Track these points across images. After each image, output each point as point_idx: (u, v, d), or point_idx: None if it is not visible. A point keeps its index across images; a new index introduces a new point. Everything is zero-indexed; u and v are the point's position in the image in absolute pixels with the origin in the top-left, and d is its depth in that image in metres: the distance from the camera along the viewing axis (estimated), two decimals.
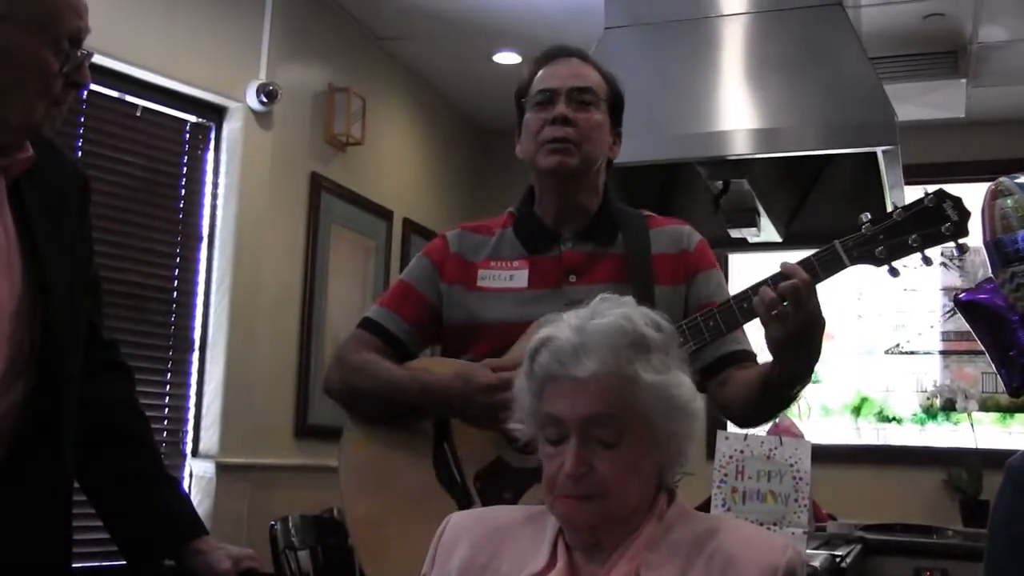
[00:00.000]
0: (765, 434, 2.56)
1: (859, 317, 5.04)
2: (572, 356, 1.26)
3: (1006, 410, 4.79)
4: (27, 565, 1.49)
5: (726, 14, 2.84)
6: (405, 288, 1.98)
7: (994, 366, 2.51)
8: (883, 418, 4.96)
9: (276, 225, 3.96)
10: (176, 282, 3.64)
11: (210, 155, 3.77)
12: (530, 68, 1.96)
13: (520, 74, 1.98)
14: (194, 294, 3.69)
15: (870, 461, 4.83)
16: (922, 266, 1.73)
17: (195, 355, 3.67)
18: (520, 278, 1.89)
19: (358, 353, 1.93)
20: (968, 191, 2.48)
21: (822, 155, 2.91)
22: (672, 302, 1.83)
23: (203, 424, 3.65)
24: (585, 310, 1.31)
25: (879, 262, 1.69)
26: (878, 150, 2.46)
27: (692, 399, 1.30)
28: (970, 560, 3.75)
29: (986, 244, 2.36)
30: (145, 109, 3.52)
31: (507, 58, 4.70)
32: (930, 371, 4.93)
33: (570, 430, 1.26)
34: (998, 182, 2.36)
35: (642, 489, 1.28)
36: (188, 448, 3.62)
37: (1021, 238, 2.22)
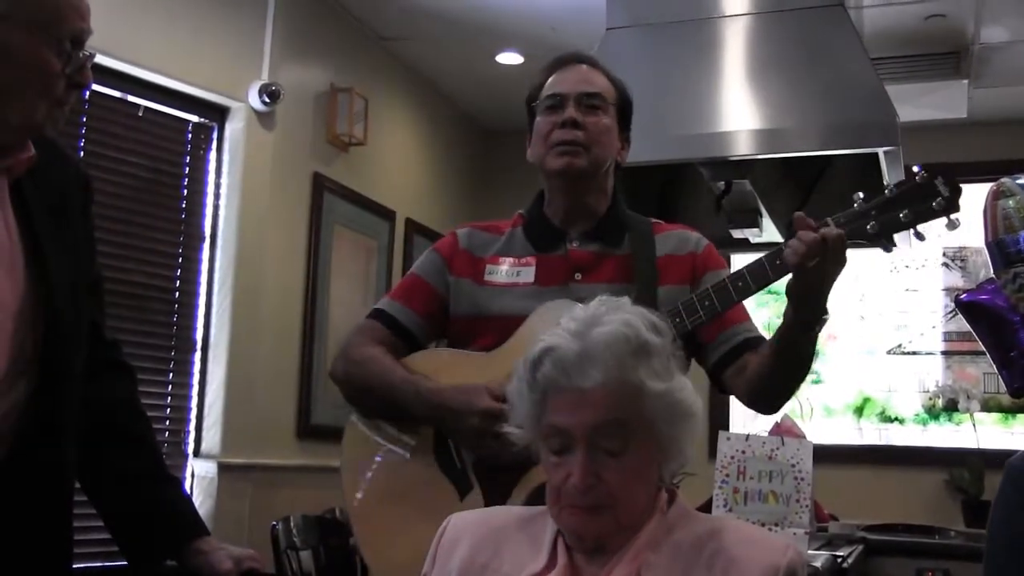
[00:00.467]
0: (767, 434, 2.57)
1: (861, 318, 5.04)
2: (576, 366, 1.24)
3: (1008, 410, 4.79)
4: (28, 565, 1.50)
5: (728, 15, 2.84)
6: (415, 281, 2.02)
7: (995, 367, 2.51)
8: (885, 418, 4.96)
9: (278, 225, 3.96)
10: (178, 282, 3.64)
11: (212, 155, 3.77)
12: (541, 74, 2.01)
13: (527, 78, 2.03)
14: (196, 294, 3.69)
15: (872, 461, 4.83)
16: (916, 241, 1.75)
17: (197, 355, 3.67)
18: (527, 274, 1.93)
19: (364, 346, 1.96)
20: (970, 192, 2.48)
21: (824, 156, 2.91)
22: (676, 301, 1.85)
23: (205, 424, 3.66)
24: (583, 315, 1.30)
25: (871, 238, 1.71)
26: (880, 151, 2.47)
27: (694, 402, 1.29)
28: (972, 561, 3.73)
29: (988, 245, 2.36)
30: (147, 109, 3.52)
31: (509, 58, 4.71)
32: (932, 371, 4.93)
33: (576, 441, 1.24)
34: (1000, 183, 2.36)
35: (646, 493, 1.28)
36: (190, 448, 3.62)
37: (1023, 238, 2.22)
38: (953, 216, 1.70)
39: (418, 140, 5.04)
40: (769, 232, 3.15)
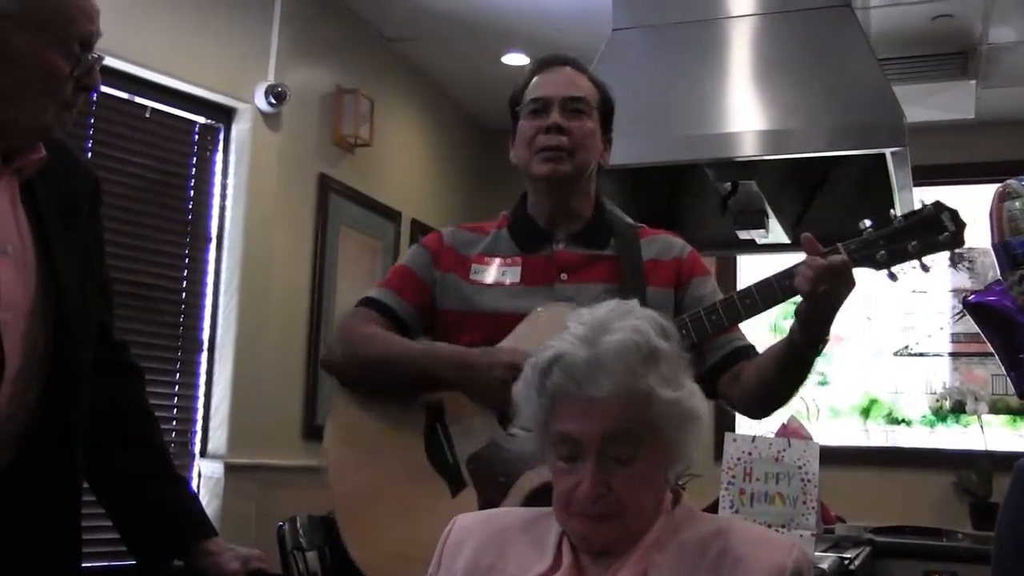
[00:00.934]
0: (773, 436, 2.56)
1: (868, 319, 5.03)
2: (586, 374, 1.23)
3: (1016, 412, 4.77)
4: (38, 565, 1.50)
5: (734, 15, 2.84)
6: (406, 272, 2.03)
7: (1003, 368, 2.51)
8: (892, 420, 4.95)
9: (284, 226, 3.96)
10: (185, 283, 3.65)
11: (219, 156, 3.78)
12: (524, 76, 2.03)
13: (516, 80, 2.03)
14: (203, 295, 3.70)
15: (879, 463, 4.81)
16: (921, 273, 1.79)
17: (204, 356, 3.68)
18: (513, 274, 1.95)
19: (365, 327, 1.96)
20: (977, 193, 2.48)
21: (830, 156, 2.91)
22: (663, 303, 1.88)
23: (211, 424, 3.66)
24: (592, 320, 1.28)
25: (879, 265, 1.75)
26: (887, 151, 2.46)
27: (702, 407, 1.29)
28: (980, 563, 3.73)
29: (994, 246, 2.36)
30: (154, 110, 3.53)
31: (515, 59, 4.71)
32: (939, 373, 4.92)
33: (586, 449, 1.24)
34: (1006, 184, 2.36)
35: (654, 498, 1.28)
36: (196, 448, 3.63)
37: None
38: (959, 253, 1.79)
39: (424, 141, 5.05)
40: (775, 233, 3.15)
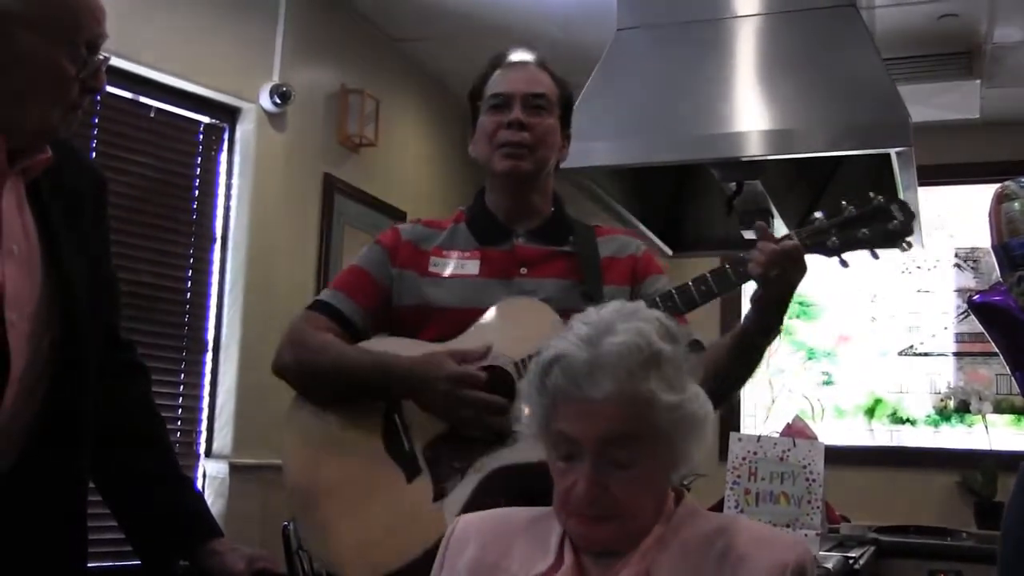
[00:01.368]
0: (778, 436, 2.57)
1: (873, 319, 5.03)
2: (586, 376, 1.22)
3: (1021, 412, 4.77)
4: (44, 565, 1.50)
5: (739, 15, 2.83)
6: (358, 272, 2.02)
7: (1008, 368, 2.50)
8: (897, 420, 4.95)
9: (289, 226, 3.97)
10: (189, 283, 3.65)
11: (223, 156, 3.78)
12: (484, 70, 2.05)
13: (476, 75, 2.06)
14: (207, 295, 3.70)
15: (883, 463, 4.81)
16: (871, 259, 1.83)
17: (208, 356, 3.68)
18: (472, 267, 1.95)
19: (312, 333, 1.95)
20: (982, 192, 2.48)
21: (836, 156, 2.91)
22: (619, 300, 1.88)
23: (216, 425, 3.66)
24: (596, 320, 1.28)
25: (830, 252, 1.80)
26: (892, 151, 2.45)
27: (707, 412, 1.28)
28: (984, 563, 3.73)
29: (994, 248, 2.36)
30: (159, 110, 3.54)
31: (520, 59, 4.70)
32: (944, 373, 4.91)
33: (584, 450, 1.24)
34: (1004, 186, 2.36)
35: (655, 501, 1.28)
36: (201, 449, 3.63)
37: None
38: (908, 242, 1.80)
39: (429, 141, 5.05)
40: (780, 233, 3.14)
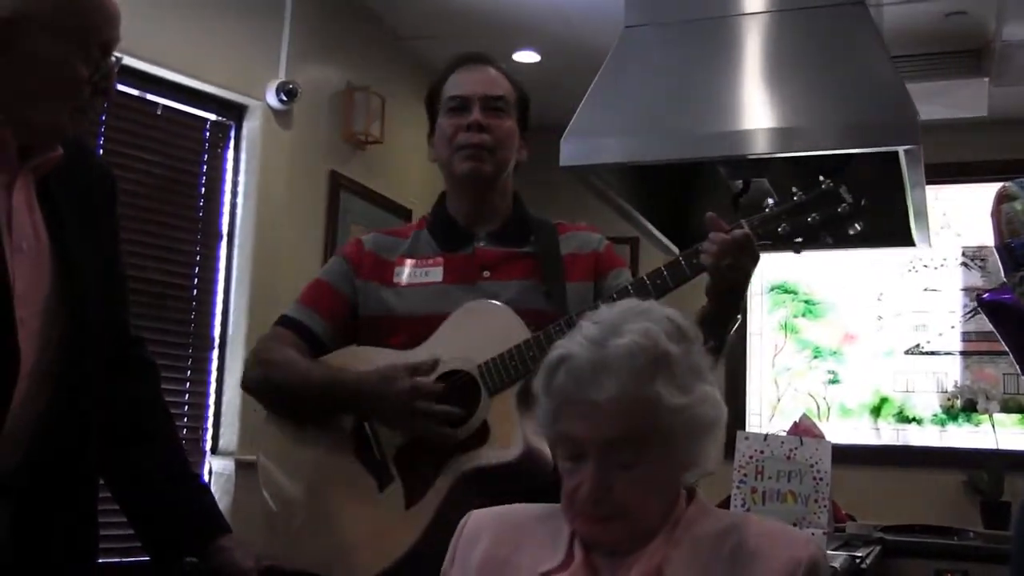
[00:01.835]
0: (785, 434, 2.56)
1: (879, 318, 5.02)
2: (590, 377, 1.22)
3: None
4: (54, 562, 1.50)
5: (747, 12, 2.82)
6: (322, 286, 2.05)
7: (1018, 367, 2.50)
8: (903, 419, 4.94)
9: (295, 223, 3.97)
10: (196, 280, 3.65)
11: (230, 153, 3.78)
12: (441, 74, 2.06)
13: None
14: (214, 292, 3.70)
15: (890, 462, 4.80)
16: (827, 243, 1.84)
17: (215, 353, 3.69)
18: (435, 274, 1.97)
19: (277, 351, 1.97)
20: (990, 191, 2.47)
21: (843, 154, 2.90)
22: (583, 296, 1.93)
23: (223, 421, 3.67)
24: (606, 319, 1.28)
25: (781, 239, 1.80)
26: (900, 149, 2.44)
27: (718, 415, 1.27)
28: (991, 562, 3.72)
29: (997, 248, 2.36)
30: (165, 107, 3.54)
31: (527, 57, 4.70)
32: (951, 372, 4.90)
33: (588, 451, 1.23)
34: (1004, 186, 2.36)
35: (663, 502, 1.27)
36: (207, 445, 3.64)
37: None
38: (858, 223, 1.80)
39: None
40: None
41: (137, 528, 1.69)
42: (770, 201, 1.81)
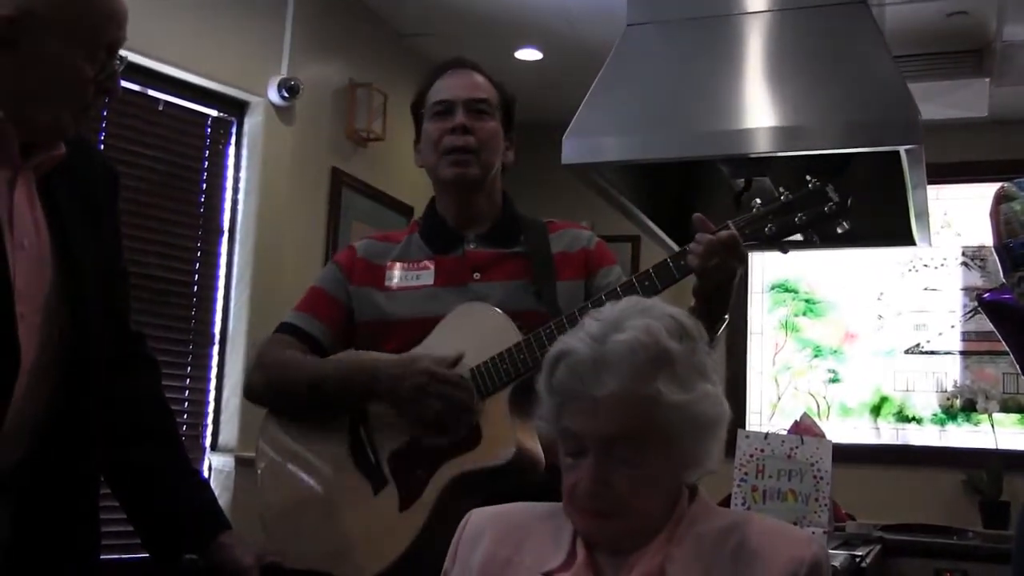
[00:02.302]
0: (786, 433, 2.56)
1: (879, 317, 5.02)
2: (591, 373, 1.23)
3: None
4: (55, 560, 1.50)
5: (749, 11, 2.82)
6: (318, 292, 2.07)
7: (1018, 367, 2.50)
8: (903, 418, 4.94)
9: (297, 220, 3.97)
10: (196, 276, 3.65)
11: (231, 150, 3.78)
12: (425, 81, 2.10)
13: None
14: (215, 288, 3.71)
15: (889, 461, 4.80)
16: (814, 243, 1.84)
17: (215, 349, 3.69)
18: (427, 277, 1.99)
19: (284, 352, 1.99)
20: (991, 191, 2.47)
21: (845, 153, 2.90)
22: (574, 295, 1.93)
23: (222, 418, 3.67)
24: (608, 316, 1.28)
25: (768, 239, 1.79)
26: (901, 149, 2.44)
27: (719, 413, 1.27)
28: (990, 562, 3.73)
29: (996, 248, 2.36)
30: (167, 103, 3.54)
31: (529, 55, 4.69)
32: (950, 371, 4.90)
33: (588, 447, 1.24)
34: (1003, 186, 2.36)
35: (664, 500, 1.27)
36: (207, 442, 3.64)
37: None
38: (844, 222, 1.78)
39: None
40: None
41: (137, 525, 1.69)
42: (758, 201, 1.81)
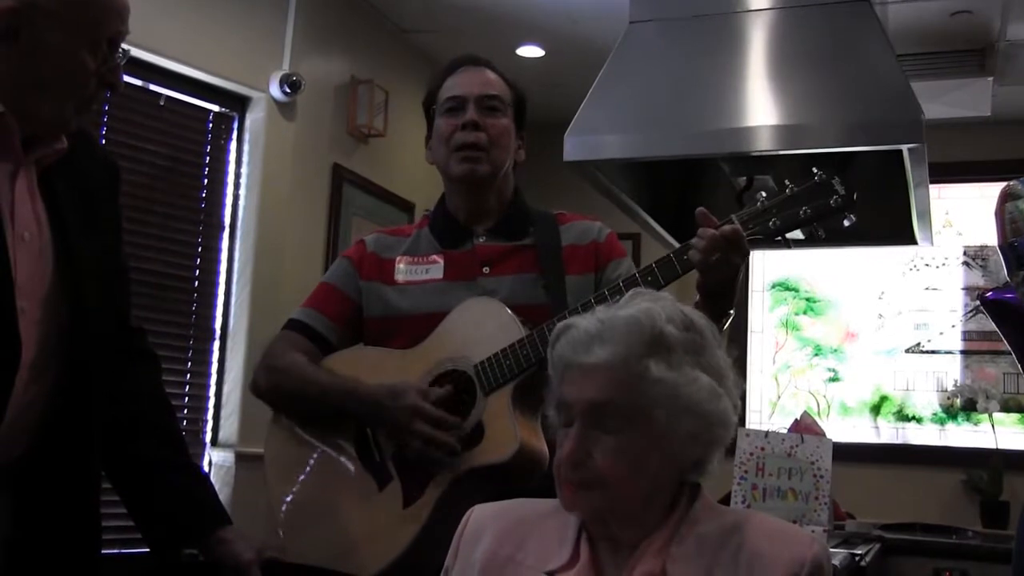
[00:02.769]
0: (786, 432, 2.56)
1: (880, 316, 5.01)
2: (585, 343, 1.27)
3: None
4: (56, 552, 1.50)
5: (752, 9, 2.82)
6: (327, 288, 2.07)
7: (1019, 366, 2.50)
8: (903, 417, 4.94)
9: (298, 216, 3.97)
10: (197, 272, 3.65)
11: (233, 145, 3.78)
12: (437, 77, 2.08)
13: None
14: (215, 284, 3.70)
15: (889, 460, 4.80)
16: (820, 238, 1.81)
17: (216, 344, 3.68)
18: (436, 271, 1.99)
19: (286, 355, 1.99)
20: (993, 190, 2.47)
21: (847, 152, 2.89)
22: (583, 290, 1.92)
23: (223, 413, 3.67)
24: (619, 301, 1.32)
25: (772, 233, 1.77)
26: (904, 148, 2.44)
27: (706, 400, 1.26)
28: (990, 561, 3.73)
29: (1001, 248, 2.36)
30: (168, 98, 3.53)
31: (530, 51, 4.69)
32: (951, 371, 4.90)
33: (575, 415, 1.27)
34: (1008, 185, 2.36)
35: (650, 486, 1.27)
36: (208, 437, 3.64)
37: None
38: (850, 215, 1.76)
39: None
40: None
41: (137, 520, 1.69)
42: (762, 194, 1.79)
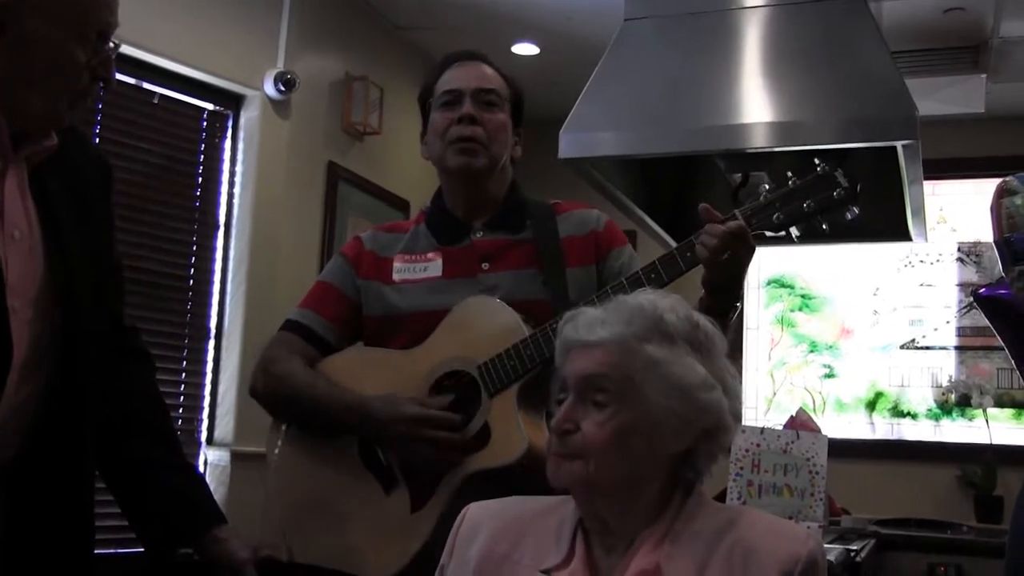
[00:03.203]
0: (782, 428, 2.57)
1: (875, 312, 5.02)
2: (588, 325, 1.31)
3: (1021, 406, 4.77)
4: (50, 553, 1.50)
5: (747, 6, 2.82)
6: (324, 287, 2.04)
7: (1013, 362, 2.50)
8: (897, 413, 4.95)
9: (293, 214, 3.96)
10: (192, 270, 3.65)
11: (227, 143, 3.77)
12: (434, 71, 2.05)
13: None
14: (210, 282, 3.70)
15: (884, 456, 4.81)
16: (824, 232, 1.80)
17: (211, 343, 3.68)
18: (434, 268, 1.96)
19: (283, 360, 1.97)
20: (987, 187, 2.47)
21: (842, 149, 2.90)
22: (584, 282, 1.91)
23: (218, 412, 3.67)
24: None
25: (776, 227, 1.77)
26: (898, 144, 2.44)
27: (698, 386, 1.28)
28: (984, 556, 3.74)
29: (996, 243, 2.36)
30: (163, 96, 3.53)
31: (525, 49, 4.69)
32: (945, 366, 4.91)
33: (570, 389, 1.30)
34: (1005, 181, 2.36)
35: (633, 466, 1.27)
36: (203, 436, 3.63)
37: None
38: (853, 208, 1.76)
39: None
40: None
41: (132, 519, 1.68)
42: (765, 187, 1.78)
